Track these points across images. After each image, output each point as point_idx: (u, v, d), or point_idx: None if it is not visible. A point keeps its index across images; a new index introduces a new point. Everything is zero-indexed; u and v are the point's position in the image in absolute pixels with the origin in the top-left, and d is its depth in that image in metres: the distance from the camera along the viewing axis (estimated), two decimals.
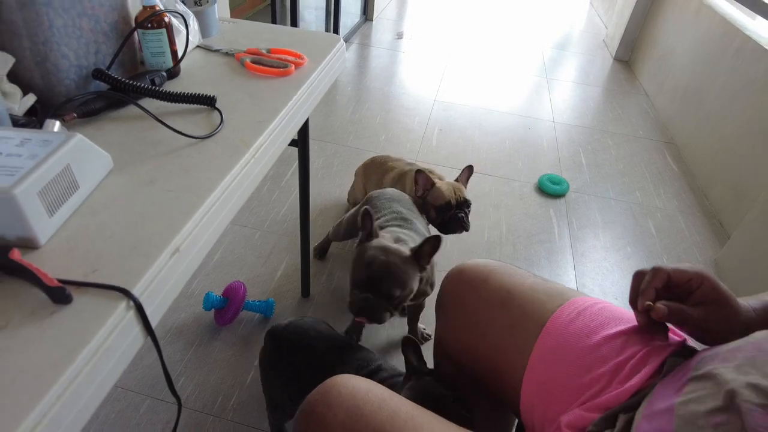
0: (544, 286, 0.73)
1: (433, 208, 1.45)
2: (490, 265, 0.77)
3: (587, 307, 0.68)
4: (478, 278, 0.74)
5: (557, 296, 0.70)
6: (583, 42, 4.18)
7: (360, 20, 3.69)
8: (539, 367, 0.65)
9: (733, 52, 2.30)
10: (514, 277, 0.74)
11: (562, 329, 0.65)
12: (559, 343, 0.65)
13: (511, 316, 0.70)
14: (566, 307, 0.68)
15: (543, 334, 0.66)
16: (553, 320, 0.67)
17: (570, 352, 0.63)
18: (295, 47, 0.91)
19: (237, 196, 0.60)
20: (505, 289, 0.72)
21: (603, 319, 0.66)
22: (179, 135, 0.63)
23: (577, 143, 2.54)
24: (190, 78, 0.81)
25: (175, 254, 0.49)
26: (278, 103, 0.74)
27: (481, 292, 0.73)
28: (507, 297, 0.71)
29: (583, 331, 0.65)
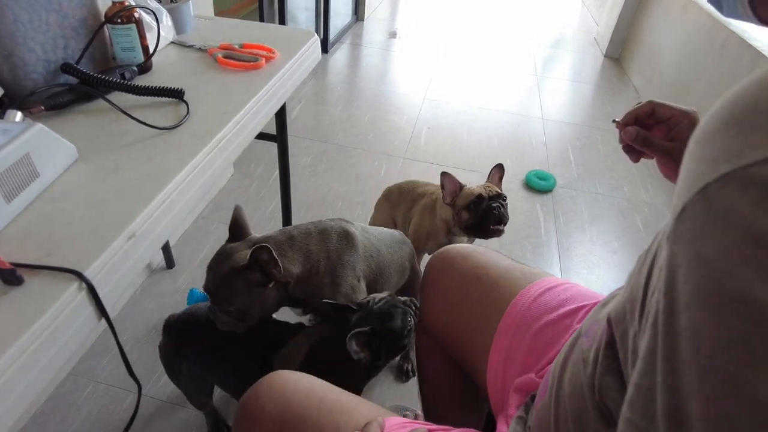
0: (519, 267, 0.76)
1: (463, 209, 1.30)
2: (471, 247, 0.80)
3: (555, 285, 0.70)
4: (458, 256, 0.78)
5: (529, 275, 0.73)
6: (575, 40, 4.20)
7: (351, 20, 3.71)
8: (504, 338, 0.67)
9: (718, 48, 2.31)
10: (491, 258, 0.77)
11: (528, 303, 0.68)
12: (523, 316, 0.67)
13: (483, 289, 0.73)
14: (535, 285, 0.70)
15: (510, 308, 0.69)
16: (521, 295, 0.69)
17: (531, 326, 0.66)
18: (268, 42, 0.93)
19: (199, 185, 0.61)
20: (482, 266, 0.75)
21: (567, 297, 0.68)
22: (145, 126, 0.64)
23: (566, 140, 2.56)
24: (161, 73, 0.82)
25: (131, 238, 0.50)
26: (245, 96, 0.75)
27: (460, 268, 0.76)
28: (482, 273, 0.74)
29: (547, 306, 0.67)
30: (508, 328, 0.68)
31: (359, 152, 2.23)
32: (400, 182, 1.60)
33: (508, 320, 0.68)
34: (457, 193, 1.33)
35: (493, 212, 1.27)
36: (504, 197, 1.34)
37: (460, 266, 0.77)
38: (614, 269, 1.76)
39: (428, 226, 1.42)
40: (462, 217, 1.31)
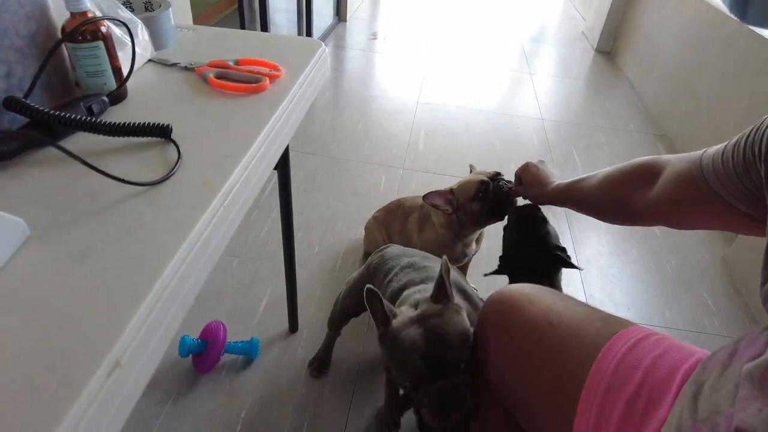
0: (597, 314, 0.66)
1: (472, 202, 1.21)
2: (537, 288, 0.71)
3: (643, 337, 0.60)
4: (523, 299, 0.68)
5: (611, 323, 0.63)
6: (561, 35, 4.10)
7: (333, 21, 3.53)
8: (592, 401, 0.57)
9: (724, 39, 2.21)
10: (563, 301, 0.68)
11: (619, 358, 0.58)
12: (614, 374, 0.57)
13: (558, 339, 0.63)
14: (620, 336, 0.60)
15: (597, 363, 0.58)
16: (608, 348, 0.59)
17: (624, 388, 0.55)
18: (268, 56, 0.76)
19: (203, 263, 0.45)
20: (554, 311, 0.65)
21: (661, 352, 0.57)
22: (122, 183, 0.48)
23: (568, 140, 2.44)
24: (140, 101, 0.65)
25: (114, 371, 0.33)
26: (252, 129, 0.59)
27: (527, 314, 0.66)
28: (555, 319, 0.64)
29: (640, 364, 0.56)
30: (596, 389, 0.57)
31: (355, 164, 2.07)
32: (384, 206, 1.53)
33: (596, 379, 0.57)
34: (452, 197, 1.25)
35: (501, 189, 1.19)
36: (499, 172, 1.27)
37: (527, 311, 0.66)
38: (638, 284, 1.64)
39: (434, 238, 1.33)
40: (473, 209, 1.22)
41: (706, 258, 1.78)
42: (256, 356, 1.28)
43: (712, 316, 1.55)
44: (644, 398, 0.53)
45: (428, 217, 1.36)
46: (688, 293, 1.62)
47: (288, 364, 1.28)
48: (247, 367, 1.26)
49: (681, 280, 1.67)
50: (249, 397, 1.20)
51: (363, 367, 1.29)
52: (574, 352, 0.61)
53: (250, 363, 1.27)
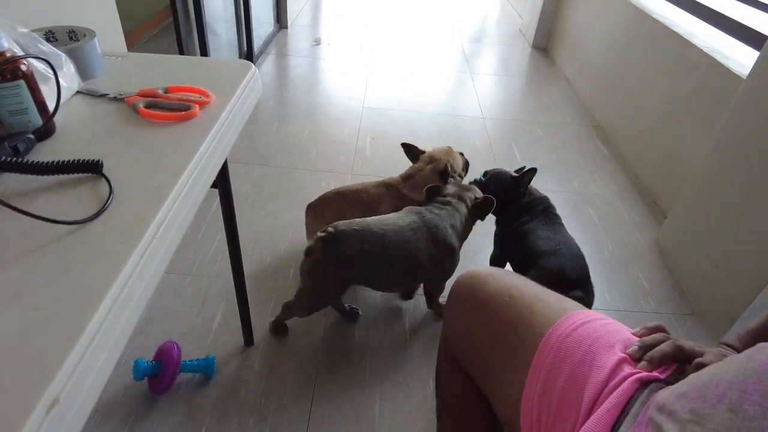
0: (554, 294, 0.74)
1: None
2: (499, 270, 0.81)
3: (592, 319, 0.66)
4: (488, 276, 0.77)
5: (565, 304, 0.71)
6: (500, 33, 4.24)
7: (274, 29, 3.52)
8: (540, 370, 0.64)
9: (644, 36, 2.36)
10: (523, 281, 0.76)
11: (567, 333, 0.64)
12: (560, 348, 0.63)
13: (516, 311, 0.70)
14: (573, 315, 0.67)
15: (548, 335, 0.65)
16: (559, 324, 0.66)
17: (565, 363, 0.62)
18: (198, 82, 0.78)
19: (138, 296, 0.47)
20: (515, 287, 0.74)
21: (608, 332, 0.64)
22: (50, 223, 0.49)
23: (509, 137, 2.53)
24: (68, 136, 0.65)
25: (52, 408, 0.35)
26: (182, 157, 0.61)
27: (490, 287, 0.75)
28: (515, 294, 0.72)
29: (584, 341, 0.63)
30: (542, 363, 0.63)
31: (303, 173, 2.08)
32: (325, 195, 1.54)
33: (543, 354, 0.64)
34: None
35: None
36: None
37: (490, 285, 0.75)
38: None
39: None
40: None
41: (641, 241, 1.90)
42: (213, 373, 1.28)
43: (648, 297, 1.66)
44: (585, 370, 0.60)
45: (401, 196, 1.51)
46: (626, 276, 1.73)
47: (246, 378, 1.29)
48: (204, 384, 1.27)
49: (619, 263, 1.78)
50: (208, 414, 1.20)
51: (321, 377, 1.31)
52: (528, 325, 0.68)
53: (207, 381, 1.27)
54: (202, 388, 1.26)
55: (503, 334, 0.70)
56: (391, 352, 1.39)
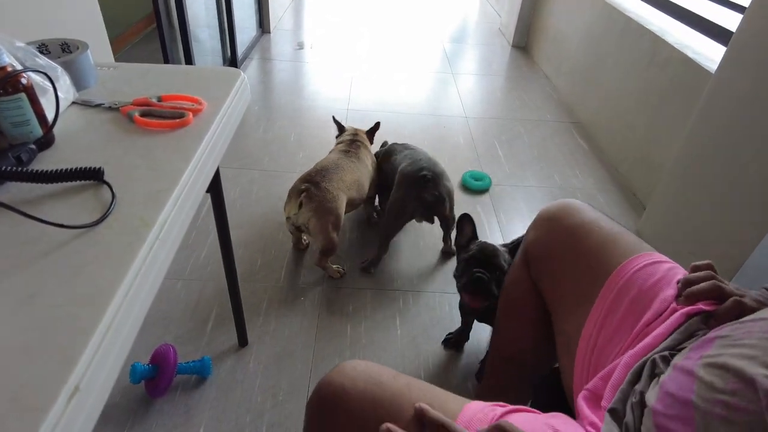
0: (629, 234, 0.80)
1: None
2: (585, 203, 0.87)
3: (663, 261, 0.73)
4: (576, 207, 0.85)
5: (640, 244, 0.77)
6: (480, 33, 4.30)
7: (257, 34, 3.54)
8: (604, 301, 0.71)
9: (618, 33, 2.43)
10: (605, 218, 0.83)
11: (634, 271, 0.72)
12: (626, 283, 0.71)
13: (594, 244, 0.77)
14: (645, 255, 0.74)
15: (618, 270, 0.72)
16: (629, 261, 0.73)
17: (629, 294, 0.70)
18: (189, 90, 0.81)
19: (145, 293, 0.50)
20: (597, 222, 0.81)
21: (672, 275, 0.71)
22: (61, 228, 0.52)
23: (491, 135, 2.59)
24: (68, 145, 0.68)
25: (74, 396, 0.39)
26: (180, 163, 0.64)
27: (577, 218, 0.82)
28: (596, 228, 0.80)
29: (648, 279, 0.70)
30: (616, 284, 0.71)
31: (291, 175, 2.09)
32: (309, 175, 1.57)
33: (618, 277, 0.72)
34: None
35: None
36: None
37: (577, 216, 0.82)
38: None
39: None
40: None
41: None
42: (209, 374, 1.31)
43: None
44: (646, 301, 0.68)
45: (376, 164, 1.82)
46: None
47: (241, 377, 1.32)
48: (201, 385, 1.29)
49: None
50: (206, 414, 1.23)
51: (315, 373, 1.35)
52: (609, 253, 0.75)
53: (203, 381, 1.30)
54: (199, 388, 1.29)
55: (585, 258, 0.77)
56: (383, 348, 1.43)
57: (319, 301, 1.56)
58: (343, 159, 1.66)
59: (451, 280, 1.66)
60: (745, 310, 0.63)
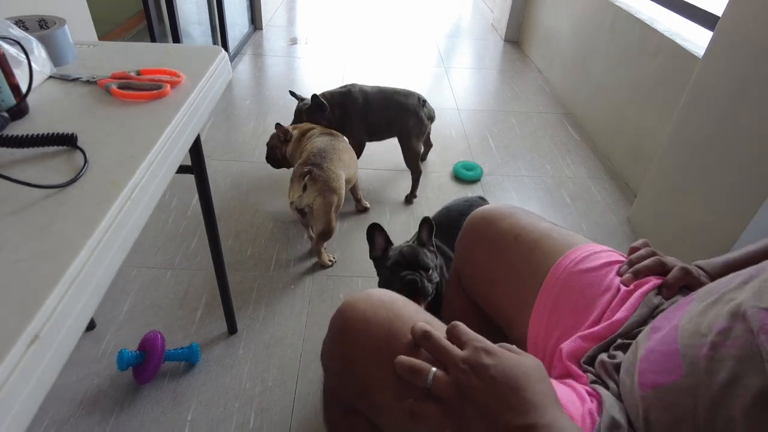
0: (560, 230, 0.79)
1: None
2: (513, 208, 0.84)
3: (600, 251, 0.74)
4: (498, 214, 0.82)
5: (572, 238, 0.76)
6: (473, 28, 4.31)
7: (249, 30, 3.54)
8: (548, 298, 0.70)
9: (609, 25, 2.44)
10: (532, 219, 0.80)
11: (572, 266, 0.71)
12: (569, 276, 0.70)
13: (524, 248, 0.76)
14: (581, 248, 0.73)
15: (555, 267, 0.71)
16: (566, 256, 0.72)
17: (576, 286, 0.69)
18: (169, 65, 0.80)
19: (114, 250, 0.49)
20: (522, 226, 0.78)
21: (611, 259, 0.72)
22: (30, 187, 0.51)
23: (483, 127, 2.59)
24: (42, 115, 0.68)
25: (33, 343, 0.38)
26: (154, 131, 0.64)
27: (499, 227, 0.80)
28: (523, 233, 0.77)
29: (591, 267, 0.70)
30: (552, 287, 0.70)
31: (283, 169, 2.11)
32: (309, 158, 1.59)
33: (552, 279, 0.71)
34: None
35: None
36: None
37: (499, 225, 0.80)
38: None
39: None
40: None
41: (613, 220, 1.96)
42: (197, 361, 1.30)
43: None
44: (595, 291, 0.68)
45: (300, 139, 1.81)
46: None
47: (230, 364, 1.31)
48: (189, 372, 1.29)
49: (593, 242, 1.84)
50: (194, 399, 1.22)
51: (305, 358, 1.34)
52: (535, 259, 0.74)
53: (192, 368, 1.29)
54: (187, 375, 1.28)
55: (516, 264, 0.76)
56: None
57: (309, 290, 1.55)
58: (334, 141, 1.68)
59: None
60: (691, 276, 0.66)
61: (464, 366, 0.48)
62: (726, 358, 0.46)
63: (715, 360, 0.46)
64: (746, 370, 0.44)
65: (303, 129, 1.81)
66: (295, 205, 1.56)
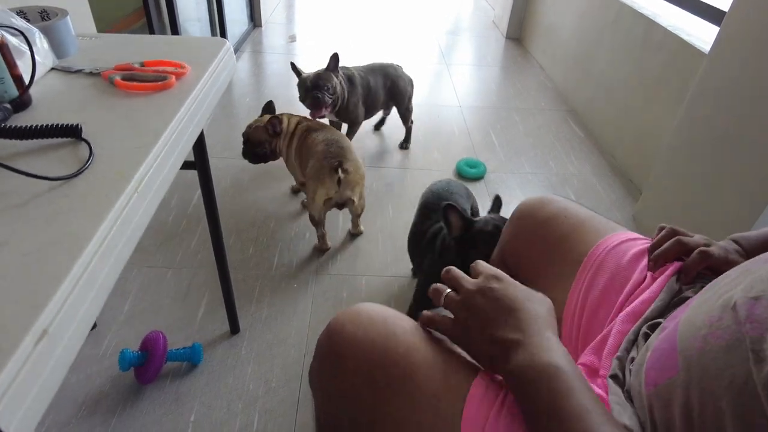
0: (600, 217, 0.82)
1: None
2: (558, 197, 0.87)
3: (636, 238, 0.75)
4: (547, 199, 0.85)
5: (613, 224, 0.79)
6: (474, 25, 4.29)
7: (248, 27, 3.52)
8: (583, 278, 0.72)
9: (612, 20, 2.42)
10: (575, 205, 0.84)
11: (609, 250, 0.73)
12: (603, 260, 0.72)
13: (570, 229, 0.78)
14: (617, 235, 0.75)
15: (592, 252, 0.73)
16: (604, 240, 0.74)
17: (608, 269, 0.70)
18: (173, 57, 0.79)
19: (123, 243, 0.48)
20: (567, 208, 0.83)
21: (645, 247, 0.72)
22: (35, 179, 0.49)
23: (486, 124, 2.57)
24: (46, 107, 0.66)
25: (42, 339, 0.36)
26: (160, 122, 0.62)
27: (548, 208, 0.83)
28: (570, 213, 0.81)
29: (626, 252, 0.72)
30: (591, 265, 0.72)
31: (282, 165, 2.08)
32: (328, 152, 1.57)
33: (592, 258, 0.73)
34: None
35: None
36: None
37: (548, 207, 0.83)
38: None
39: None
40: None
41: (619, 216, 1.95)
42: (200, 361, 1.28)
43: None
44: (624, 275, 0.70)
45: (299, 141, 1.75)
46: None
47: (233, 364, 1.29)
48: (191, 372, 1.27)
49: None
50: (197, 400, 1.20)
51: (309, 358, 1.32)
52: (579, 239, 0.77)
53: (194, 368, 1.27)
54: (190, 375, 1.26)
55: (557, 246, 0.79)
56: None
57: (312, 289, 1.53)
58: (332, 130, 1.69)
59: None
60: (711, 259, 0.65)
61: (473, 288, 0.54)
62: (715, 349, 0.46)
63: (705, 352, 0.46)
64: (733, 359, 0.44)
65: (291, 122, 1.78)
66: (334, 200, 1.55)
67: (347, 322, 0.57)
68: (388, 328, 0.55)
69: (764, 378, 0.40)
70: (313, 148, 1.60)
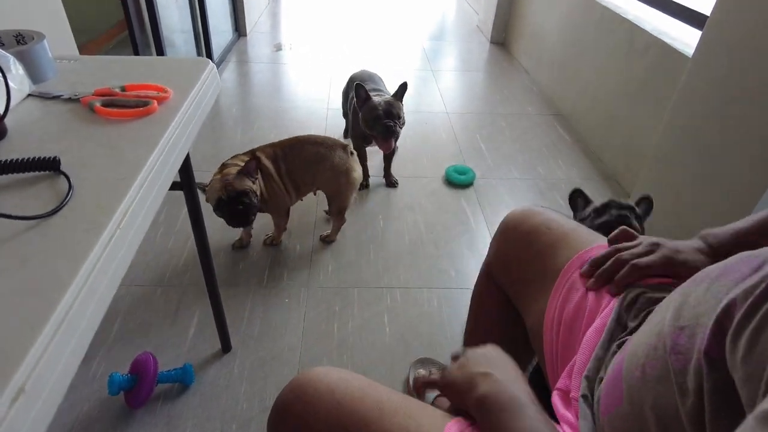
0: (587, 230, 0.82)
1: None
2: (542, 208, 0.88)
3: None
4: (532, 211, 0.86)
5: (594, 237, 0.79)
6: (458, 30, 4.30)
7: (233, 37, 3.49)
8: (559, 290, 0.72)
9: (595, 24, 2.44)
10: (560, 216, 0.84)
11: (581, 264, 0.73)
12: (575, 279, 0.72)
13: (553, 240, 0.79)
14: (596, 248, 0.74)
15: (573, 260, 0.73)
16: (584, 252, 0.74)
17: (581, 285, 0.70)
18: (155, 79, 0.77)
19: (105, 284, 0.46)
20: (553, 219, 0.83)
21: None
22: (8, 219, 0.47)
23: (472, 130, 2.57)
24: (21, 137, 0.64)
25: (18, 398, 0.34)
26: (143, 151, 0.60)
27: (534, 220, 0.83)
28: (554, 225, 0.81)
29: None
30: (567, 278, 0.72)
31: None
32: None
33: (568, 271, 0.73)
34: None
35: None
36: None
37: (533, 219, 0.84)
38: None
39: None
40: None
41: None
42: (192, 381, 1.26)
43: None
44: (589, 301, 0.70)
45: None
46: None
47: (225, 383, 1.27)
48: (183, 393, 1.24)
49: None
50: (189, 422, 1.18)
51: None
52: (560, 251, 0.77)
53: (186, 390, 1.25)
54: (182, 397, 1.23)
55: (538, 259, 0.79)
56: (372, 346, 1.40)
57: (304, 302, 1.52)
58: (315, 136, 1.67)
59: (438, 275, 1.63)
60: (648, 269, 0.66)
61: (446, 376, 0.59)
62: (651, 381, 0.45)
63: (644, 382, 0.46)
64: (664, 391, 0.43)
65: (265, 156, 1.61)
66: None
67: (293, 401, 0.57)
68: (338, 399, 0.55)
69: (688, 411, 0.39)
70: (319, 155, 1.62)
